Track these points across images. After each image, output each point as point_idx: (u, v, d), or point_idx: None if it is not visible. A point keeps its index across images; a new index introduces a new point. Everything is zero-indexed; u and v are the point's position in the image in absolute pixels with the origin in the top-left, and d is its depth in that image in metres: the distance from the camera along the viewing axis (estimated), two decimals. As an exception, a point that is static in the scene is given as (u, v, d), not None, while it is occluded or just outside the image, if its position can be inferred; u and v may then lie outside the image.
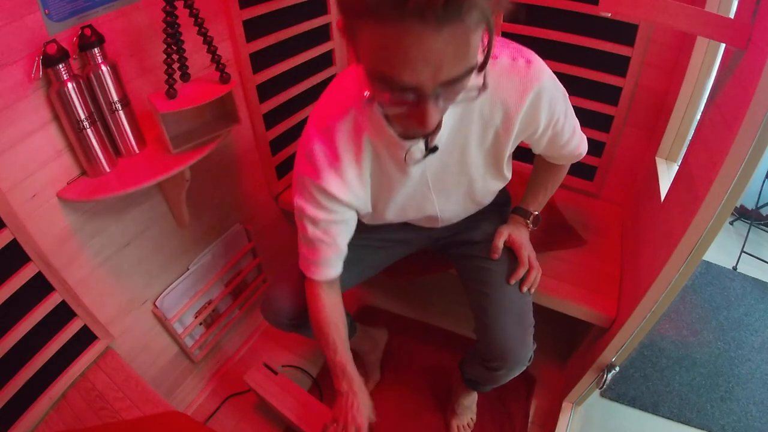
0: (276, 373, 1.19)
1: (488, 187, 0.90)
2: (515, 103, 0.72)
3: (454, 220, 0.99)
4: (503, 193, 1.09)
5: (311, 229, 0.81)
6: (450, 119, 0.73)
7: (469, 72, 0.51)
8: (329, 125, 0.74)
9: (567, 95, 0.80)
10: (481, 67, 0.55)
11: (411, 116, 0.56)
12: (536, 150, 0.89)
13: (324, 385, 1.39)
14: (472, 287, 0.99)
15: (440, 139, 0.74)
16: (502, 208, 1.09)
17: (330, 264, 0.86)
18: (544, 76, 0.71)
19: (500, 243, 0.97)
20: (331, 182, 0.76)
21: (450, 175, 0.83)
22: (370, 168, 0.79)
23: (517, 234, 0.98)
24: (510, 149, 0.81)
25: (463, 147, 0.78)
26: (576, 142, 0.88)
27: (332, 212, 0.79)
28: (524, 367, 0.93)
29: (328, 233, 0.82)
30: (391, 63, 0.48)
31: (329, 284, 0.89)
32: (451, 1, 0.43)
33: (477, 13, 0.45)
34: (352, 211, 0.83)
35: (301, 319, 0.96)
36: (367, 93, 0.60)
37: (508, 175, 0.89)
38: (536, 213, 1.01)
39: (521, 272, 0.94)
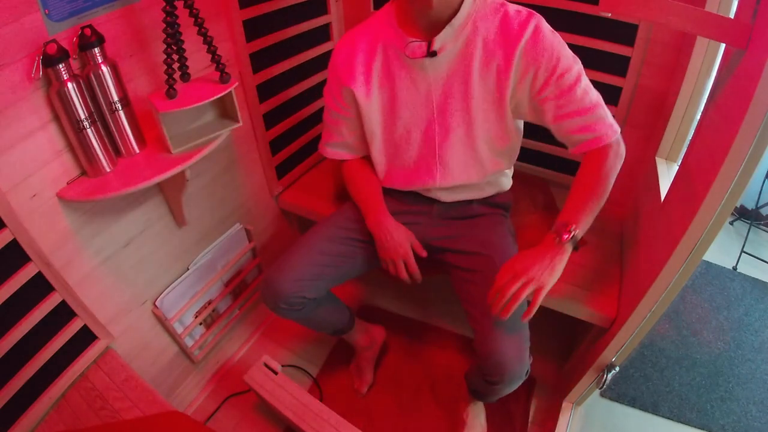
0: (276, 373, 1.19)
1: (490, 135, 0.93)
2: (516, 34, 0.83)
3: (453, 180, 1.00)
4: (506, 195, 1.09)
5: (329, 117, 1.05)
6: (453, 44, 0.85)
7: None
8: (356, 32, 0.95)
9: (575, 57, 0.85)
10: None
11: None
12: (548, 118, 0.87)
13: (324, 384, 1.39)
14: (466, 299, 1.00)
15: (443, 53, 0.85)
16: (503, 213, 1.08)
17: (336, 147, 1.08)
18: (543, 21, 0.84)
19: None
20: (344, 75, 0.94)
21: (453, 104, 0.91)
22: (379, 76, 0.93)
23: (528, 253, 0.83)
24: (511, 90, 0.87)
25: (465, 77, 0.88)
26: (590, 101, 0.84)
27: (340, 105, 0.99)
28: (522, 381, 0.93)
29: (336, 122, 1.03)
30: None
31: (354, 158, 1.10)
32: None
33: None
34: (356, 116, 0.99)
35: (298, 303, 1.00)
36: None
37: (514, 138, 0.94)
38: (572, 229, 0.81)
39: (497, 285, 0.83)
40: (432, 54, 0.86)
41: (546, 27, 0.83)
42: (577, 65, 0.85)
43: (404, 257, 0.99)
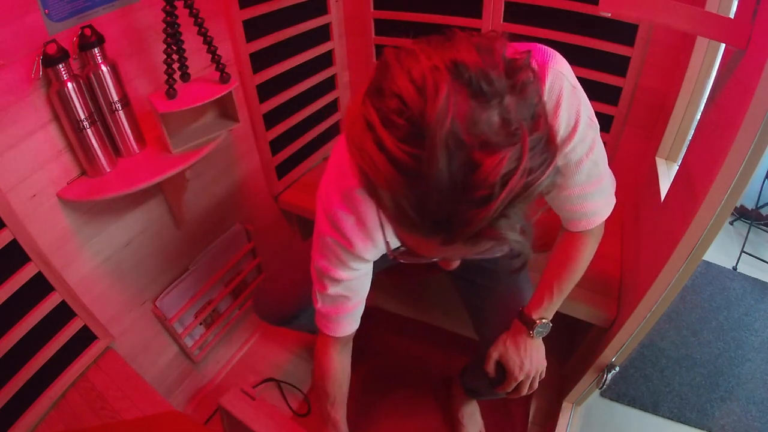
0: (254, 399, 1.09)
1: None
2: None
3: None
4: None
5: (333, 289, 0.77)
6: None
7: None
8: (348, 190, 0.67)
9: (592, 117, 0.67)
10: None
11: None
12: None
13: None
14: (471, 309, 0.99)
15: None
16: None
17: (352, 318, 0.83)
18: (561, 69, 0.61)
19: (490, 368, 0.86)
20: (361, 247, 0.70)
21: None
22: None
23: (513, 348, 0.83)
24: None
25: None
26: (597, 174, 0.70)
27: (358, 270, 0.76)
28: None
29: (351, 289, 0.78)
30: (414, 248, 0.45)
31: (344, 341, 0.85)
32: (492, 238, 0.38)
33: (519, 221, 0.39)
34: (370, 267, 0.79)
35: (288, 320, 1.02)
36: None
37: None
38: (542, 320, 0.81)
39: (508, 386, 0.85)
40: None
41: (567, 80, 0.60)
42: (595, 131, 0.67)
43: None
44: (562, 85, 0.61)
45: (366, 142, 0.37)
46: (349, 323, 0.83)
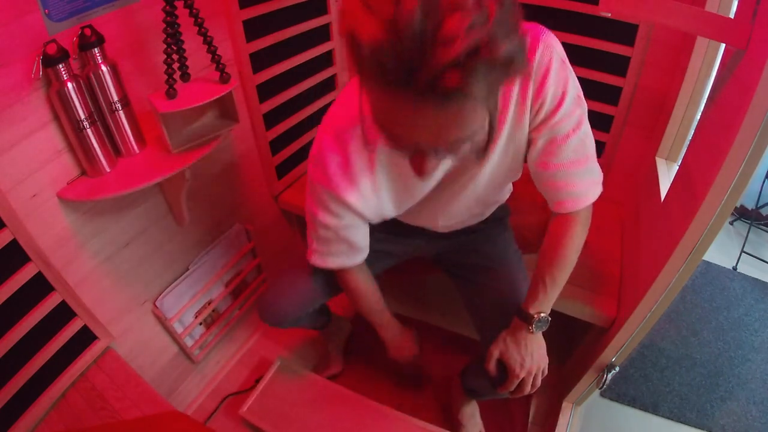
0: None
1: (501, 181, 0.85)
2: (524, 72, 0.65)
3: (455, 225, 0.96)
4: (502, 208, 1.07)
5: (323, 232, 0.82)
6: None
7: (470, 137, 0.51)
8: (342, 133, 0.72)
9: (580, 95, 0.70)
10: (483, 150, 0.59)
11: (411, 161, 0.57)
12: (530, 158, 0.76)
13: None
14: (470, 308, 1.00)
15: None
16: (501, 222, 1.07)
17: (342, 255, 0.87)
18: (554, 44, 0.66)
19: (491, 366, 0.86)
20: (344, 190, 0.74)
21: (462, 169, 0.78)
22: (386, 177, 0.76)
23: (513, 346, 0.84)
24: (528, 135, 0.74)
25: (477, 145, 0.74)
26: (584, 153, 0.73)
27: (344, 219, 0.79)
28: None
29: (339, 236, 0.82)
30: (391, 122, 0.49)
31: (356, 267, 0.92)
32: (457, 87, 0.41)
33: (482, 89, 0.44)
34: (363, 219, 0.81)
35: (295, 320, 1.05)
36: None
37: (519, 171, 0.84)
38: (540, 314, 0.81)
39: (510, 385, 0.85)
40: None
41: (556, 54, 0.65)
42: (582, 109, 0.71)
43: (412, 356, 1.09)
44: (552, 56, 0.65)
45: (354, 4, 0.43)
46: (339, 258, 0.88)
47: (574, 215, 0.79)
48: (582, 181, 0.75)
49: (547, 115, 0.69)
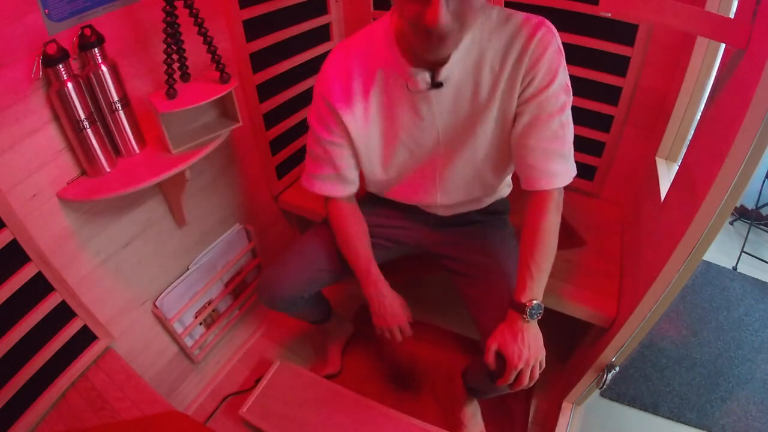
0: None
1: (495, 156, 0.89)
2: (523, 47, 0.77)
3: (453, 200, 0.98)
4: (504, 200, 1.08)
5: (315, 147, 0.93)
6: (460, 71, 0.79)
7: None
8: (350, 50, 0.85)
9: (569, 87, 0.80)
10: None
11: (422, 17, 0.64)
12: (514, 132, 0.83)
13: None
14: (468, 303, 1.00)
15: (449, 81, 0.80)
16: (502, 217, 1.08)
17: (327, 180, 0.96)
18: (553, 32, 0.77)
19: (490, 359, 0.86)
20: (338, 102, 0.85)
21: (459, 132, 0.86)
22: (378, 109, 0.86)
23: (510, 337, 0.84)
24: (515, 106, 0.82)
25: (473, 105, 0.83)
26: (563, 135, 0.80)
27: (334, 133, 0.89)
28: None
29: (327, 152, 0.92)
30: None
31: (345, 199, 0.99)
32: None
33: None
34: (351, 144, 0.90)
35: (293, 302, 1.06)
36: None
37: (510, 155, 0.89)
38: (532, 302, 0.82)
39: (509, 377, 0.84)
40: (437, 85, 0.80)
41: (555, 42, 0.76)
42: (567, 97, 0.80)
43: (400, 324, 1.01)
44: (551, 41, 0.76)
45: None
46: (327, 184, 0.96)
47: (547, 197, 0.83)
48: (557, 162, 0.81)
49: (536, 91, 0.78)
